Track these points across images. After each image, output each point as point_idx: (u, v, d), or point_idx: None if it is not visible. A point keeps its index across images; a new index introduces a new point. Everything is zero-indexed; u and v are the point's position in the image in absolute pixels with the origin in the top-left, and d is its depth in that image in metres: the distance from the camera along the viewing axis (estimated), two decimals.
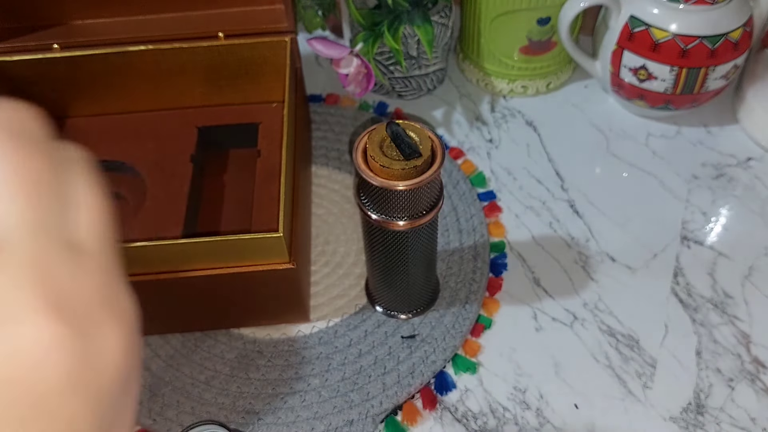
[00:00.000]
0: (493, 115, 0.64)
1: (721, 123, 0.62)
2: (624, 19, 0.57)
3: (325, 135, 0.62)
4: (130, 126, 0.56)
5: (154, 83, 0.55)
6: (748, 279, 0.51)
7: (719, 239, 0.53)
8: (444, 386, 0.46)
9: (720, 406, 0.44)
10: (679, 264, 0.52)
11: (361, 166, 0.37)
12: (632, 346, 0.47)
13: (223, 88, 0.56)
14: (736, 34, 0.55)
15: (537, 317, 0.49)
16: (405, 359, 0.47)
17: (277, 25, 0.53)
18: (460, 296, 0.50)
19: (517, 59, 0.63)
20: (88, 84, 0.54)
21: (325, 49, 0.54)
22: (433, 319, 0.49)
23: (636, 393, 0.45)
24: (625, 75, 0.58)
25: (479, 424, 0.44)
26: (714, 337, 0.48)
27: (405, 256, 0.42)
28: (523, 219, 0.55)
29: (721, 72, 0.56)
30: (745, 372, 0.46)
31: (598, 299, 0.50)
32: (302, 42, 0.57)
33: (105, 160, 0.54)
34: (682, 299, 0.50)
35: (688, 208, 0.56)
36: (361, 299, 0.50)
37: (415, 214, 0.39)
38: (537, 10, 0.59)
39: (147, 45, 0.52)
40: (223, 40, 0.53)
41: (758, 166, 0.59)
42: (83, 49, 0.52)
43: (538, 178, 0.58)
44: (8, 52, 0.53)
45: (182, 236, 0.48)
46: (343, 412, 0.44)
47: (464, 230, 0.54)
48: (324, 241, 0.54)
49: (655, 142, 0.61)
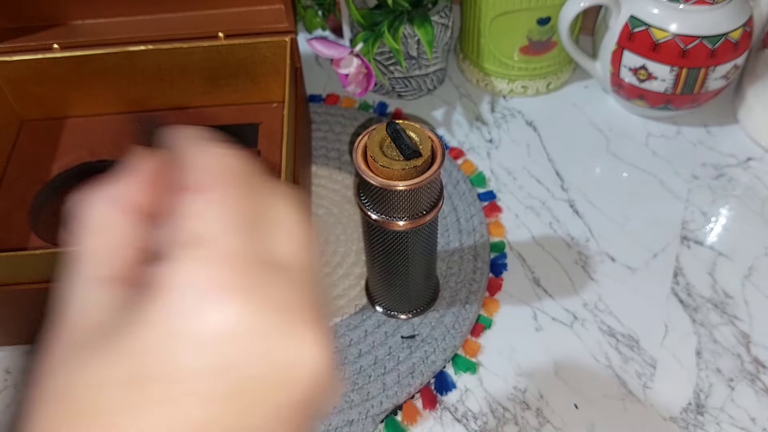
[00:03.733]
0: (493, 115, 0.64)
1: (721, 123, 0.62)
2: (624, 19, 0.57)
3: (325, 135, 0.62)
4: (130, 126, 0.56)
5: (154, 83, 0.55)
6: (748, 279, 0.51)
7: (719, 239, 0.53)
8: (444, 386, 0.46)
9: (720, 406, 0.44)
10: (679, 264, 0.52)
11: (361, 166, 0.37)
12: (632, 346, 0.47)
13: (223, 88, 0.56)
14: (736, 34, 0.55)
15: (537, 317, 0.49)
16: (405, 359, 0.47)
17: (277, 25, 0.53)
18: (460, 296, 0.50)
19: (517, 59, 0.63)
20: (88, 84, 0.54)
21: (325, 49, 0.54)
22: (433, 319, 0.49)
23: (636, 393, 0.45)
24: (625, 75, 0.58)
25: (479, 424, 0.44)
26: (714, 337, 0.48)
27: (405, 256, 0.42)
28: (523, 219, 0.55)
29: (721, 72, 0.56)
30: (745, 372, 0.46)
31: (598, 299, 0.50)
32: (302, 42, 0.57)
33: (105, 160, 0.54)
34: (682, 299, 0.50)
35: (688, 208, 0.56)
36: (361, 299, 0.50)
37: (415, 214, 0.39)
38: (537, 10, 0.59)
39: (147, 45, 0.52)
40: (223, 40, 0.53)
41: (758, 166, 0.59)
42: (83, 49, 0.52)
43: (538, 178, 0.58)
44: (8, 52, 0.53)
45: None
46: (343, 412, 0.44)
47: (464, 230, 0.54)
48: (324, 241, 0.54)
49: (655, 142, 0.61)
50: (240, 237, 0.18)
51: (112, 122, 0.56)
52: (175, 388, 0.17)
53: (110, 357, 0.17)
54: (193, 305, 0.17)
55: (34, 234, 0.49)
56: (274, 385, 0.18)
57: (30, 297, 0.43)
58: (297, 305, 0.18)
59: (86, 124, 0.57)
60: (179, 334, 0.17)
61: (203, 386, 0.17)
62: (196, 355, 0.17)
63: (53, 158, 0.54)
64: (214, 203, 0.19)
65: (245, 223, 0.19)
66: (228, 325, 0.17)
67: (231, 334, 0.17)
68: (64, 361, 0.18)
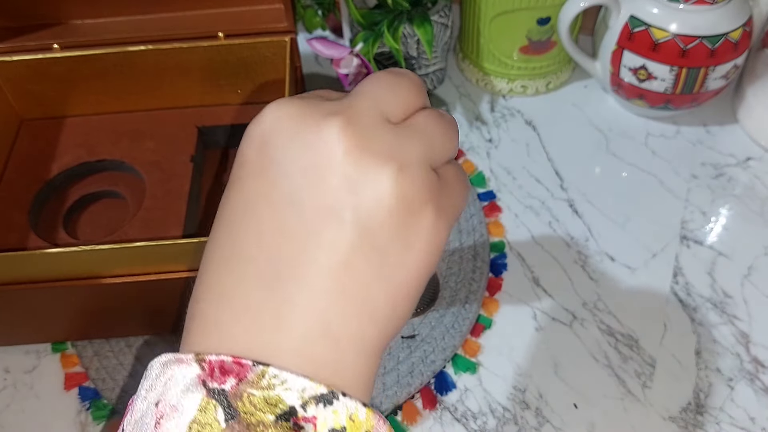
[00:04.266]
0: (493, 115, 0.64)
1: (721, 123, 0.62)
2: (624, 19, 0.57)
3: None
4: (130, 125, 0.56)
5: (154, 83, 0.55)
6: (748, 279, 0.51)
7: (719, 239, 0.54)
8: (444, 386, 0.46)
9: (719, 405, 0.44)
10: (679, 264, 0.52)
11: None
12: (631, 346, 0.47)
13: (223, 88, 0.56)
14: (736, 34, 0.55)
15: (537, 317, 0.49)
16: (405, 359, 0.47)
17: (277, 25, 0.53)
18: (460, 296, 0.50)
19: (517, 59, 0.63)
20: (88, 84, 0.54)
21: (325, 49, 0.54)
22: (432, 319, 0.49)
23: (635, 393, 0.45)
24: (624, 75, 0.58)
25: (479, 423, 0.44)
26: (713, 337, 0.48)
27: None
28: (522, 219, 0.55)
29: (721, 72, 0.56)
30: (744, 372, 0.46)
31: (597, 299, 0.50)
32: (302, 42, 0.57)
33: (105, 160, 0.54)
34: (681, 299, 0.50)
35: (687, 207, 0.56)
36: None
37: None
38: (537, 10, 0.59)
39: (147, 45, 0.52)
40: (223, 40, 0.53)
41: (758, 166, 0.59)
42: (83, 49, 0.52)
43: (537, 178, 0.58)
44: (8, 52, 0.53)
45: (182, 236, 0.48)
46: None
47: (464, 230, 0.54)
48: None
49: (655, 141, 0.61)
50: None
51: (112, 122, 0.56)
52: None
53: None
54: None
55: (34, 234, 0.49)
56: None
57: (30, 297, 0.44)
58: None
59: (86, 123, 0.57)
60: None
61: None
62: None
63: (53, 158, 0.54)
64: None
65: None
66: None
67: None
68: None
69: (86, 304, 0.45)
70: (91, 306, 0.45)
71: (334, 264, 0.20)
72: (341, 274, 0.20)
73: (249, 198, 0.22)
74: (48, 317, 0.46)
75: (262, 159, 0.21)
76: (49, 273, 0.42)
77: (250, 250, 0.21)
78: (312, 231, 0.20)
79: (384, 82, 0.23)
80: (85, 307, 0.45)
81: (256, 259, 0.21)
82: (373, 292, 0.21)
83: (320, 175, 0.20)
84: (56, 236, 0.50)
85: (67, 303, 0.44)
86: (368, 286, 0.21)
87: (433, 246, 0.22)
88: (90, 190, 0.53)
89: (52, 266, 0.42)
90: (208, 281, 0.22)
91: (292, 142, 0.21)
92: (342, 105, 0.22)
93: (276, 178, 0.21)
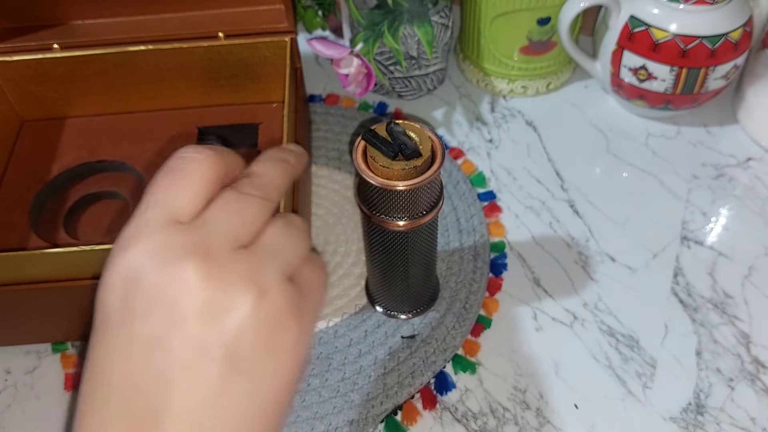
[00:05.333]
0: (493, 116, 0.64)
1: (721, 123, 0.62)
2: (624, 19, 0.57)
3: (325, 135, 0.62)
4: (130, 126, 0.56)
5: (154, 83, 0.55)
6: (748, 279, 0.51)
7: (719, 239, 0.54)
8: (444, 386, 0.46)
9: (720, 406, 0.44)
10: (679, 264, 0.52)
11: (361, 166, 0.37)
12: (632, 346, 0.47)
13: (223, 88, 0.56)
14: (736, 34, 0.55)
15: (537, 317, 0.49)
16: (405, 359, 0.47)
17: (277, 25, 0.53)
18: (460, 296, 0.50)
19: (517, 59, 0.63)
20: (88, 84, 0.54)
21: (325, 49, 0.54)
22: (433, 319, 0.49)
23: (636, 393, 0.45)
24: (625, 75, 0.58)
25: (479, 424, 0.44)
26: (714, 337, 0.48)
27: (405, 256, 0.42)
28: (523, 219, 0.55)
29: (721, 72, 0.56)
30: (745, 372, 0.46)
31: (598, 299, 0.50)
32: (302, 42, 0.57)
33: (105, 161, 0.54)
34: (682, 299, 0.50)
35: (688, 208, 0.56)
36: (361, 299, 0.50)
37: (415, 214, 0.39)
38: (537, 10, 0.59)
39: (147, 45, 0.52)
40: (223, 40, 0.53)
41: (758, 166, 0.59)
42: (83, 49, 0.52)
43: (538, 178, 0.58)
44: (8, 52, 0.53)
45: None
46: (343, 412, 0.44)
47: (464, 230, 0.54)
48: (324, 241, 0.54)
49: (655, 142, 0.61)
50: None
51: (112, 122, 0.56)
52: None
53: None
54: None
55: (34, 234, 0.49)
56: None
57: (30, 297, 0.44)
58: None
59: (86, 124, 0.57)
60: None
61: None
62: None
63: (53, 158, 0.54)
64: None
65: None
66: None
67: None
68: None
69: (86, 304, 0.45)
70: (91, 306, 0.45)
71: (208, 395, 0.21)
72: (214, 403, 0.21)
73: (116, 348, 0.22)
74: (48, 317, 0.46)
75: (123, 312, 0.23)
76: (49, 273, 0.42)
77: (123, 393, 0.22)
78: (183, 368, 0.21)
79: (232, 206, 0.24)
80: (85, 307, 0.45)
81: (131, 400, 0.22)
82: (248, 416, 0.22)
83: (184, 317, 0.21)
84: (56, 236, 0.50)
85: (67, 303, 0.44)
86: (241, 410, 0.22)
87: (300, 355, 0.23)
88: (90, 191, 0.53)
89: (52, 266, 0.42)
90: (88, 422, 0.23)
91: (152, 290, 0.22)
92: (194, 241, 0.22)
93: (141, 329, 0.22)
